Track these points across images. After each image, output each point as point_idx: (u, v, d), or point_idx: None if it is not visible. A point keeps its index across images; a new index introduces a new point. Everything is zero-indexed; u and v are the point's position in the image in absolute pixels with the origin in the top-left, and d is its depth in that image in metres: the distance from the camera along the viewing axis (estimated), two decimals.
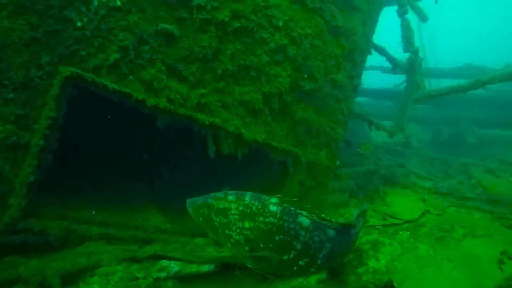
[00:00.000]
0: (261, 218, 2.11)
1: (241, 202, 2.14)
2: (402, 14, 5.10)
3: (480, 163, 7.96)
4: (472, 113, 10.27)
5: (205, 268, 2.61)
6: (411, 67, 5.31)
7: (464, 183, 6.84)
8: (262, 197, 2.20)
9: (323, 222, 2.25)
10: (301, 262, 2.20)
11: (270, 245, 2.10)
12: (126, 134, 5.12)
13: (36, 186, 2.66)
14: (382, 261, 2.34)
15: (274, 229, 2.10)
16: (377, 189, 5.93)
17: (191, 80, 3.19)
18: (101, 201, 3.60)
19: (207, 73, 3.27)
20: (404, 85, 6.50)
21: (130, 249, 2.96)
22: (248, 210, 2.12)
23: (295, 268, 2.22)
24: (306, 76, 3.90)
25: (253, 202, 2.14)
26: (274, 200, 2.18)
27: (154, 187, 4.56)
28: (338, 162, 4.88)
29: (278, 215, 2.12)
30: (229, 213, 2.13)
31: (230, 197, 2.17)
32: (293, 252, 2.16)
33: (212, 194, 2.25)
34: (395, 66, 5.50)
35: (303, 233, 2.15)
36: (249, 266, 2.17)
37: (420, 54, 5.65)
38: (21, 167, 2.56)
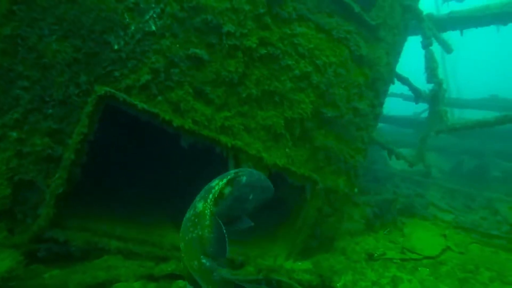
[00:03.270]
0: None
1: None
2: (426, 45, 5.14)
3: (506, 198, 7.64)
4: (498, 146, 9.95)
5: None
6: (434, 99, 5.27)
7: (489, 219, 6.56)
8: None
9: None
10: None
11: None
12: (143, 151, 5.26)
13: (64, 198, 2.78)
14: None
15: None
16: (394, 219, 5.79)
17: (216, 103, 3.29)
18: (120, 215, 3.69)
19: (232, 96, 3.37)
20: (426, 114, 6.44)
21: (147, 265, 3.01)
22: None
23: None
24: (328, 103, 3.95)
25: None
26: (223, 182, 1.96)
27: (171, 204, 4.62)
28: (356, 190, 4.83)
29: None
30: None
31: None
32: None
33: None
34: (417, 97, 5.49)
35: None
36: None
37: (444, 85, 5.62)
38: (52, 179, 2.70)
